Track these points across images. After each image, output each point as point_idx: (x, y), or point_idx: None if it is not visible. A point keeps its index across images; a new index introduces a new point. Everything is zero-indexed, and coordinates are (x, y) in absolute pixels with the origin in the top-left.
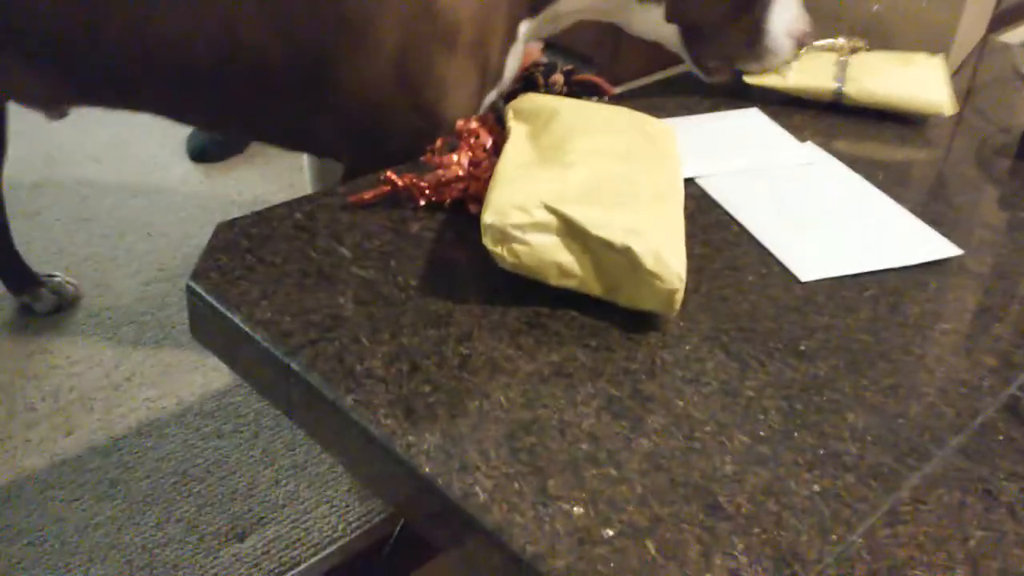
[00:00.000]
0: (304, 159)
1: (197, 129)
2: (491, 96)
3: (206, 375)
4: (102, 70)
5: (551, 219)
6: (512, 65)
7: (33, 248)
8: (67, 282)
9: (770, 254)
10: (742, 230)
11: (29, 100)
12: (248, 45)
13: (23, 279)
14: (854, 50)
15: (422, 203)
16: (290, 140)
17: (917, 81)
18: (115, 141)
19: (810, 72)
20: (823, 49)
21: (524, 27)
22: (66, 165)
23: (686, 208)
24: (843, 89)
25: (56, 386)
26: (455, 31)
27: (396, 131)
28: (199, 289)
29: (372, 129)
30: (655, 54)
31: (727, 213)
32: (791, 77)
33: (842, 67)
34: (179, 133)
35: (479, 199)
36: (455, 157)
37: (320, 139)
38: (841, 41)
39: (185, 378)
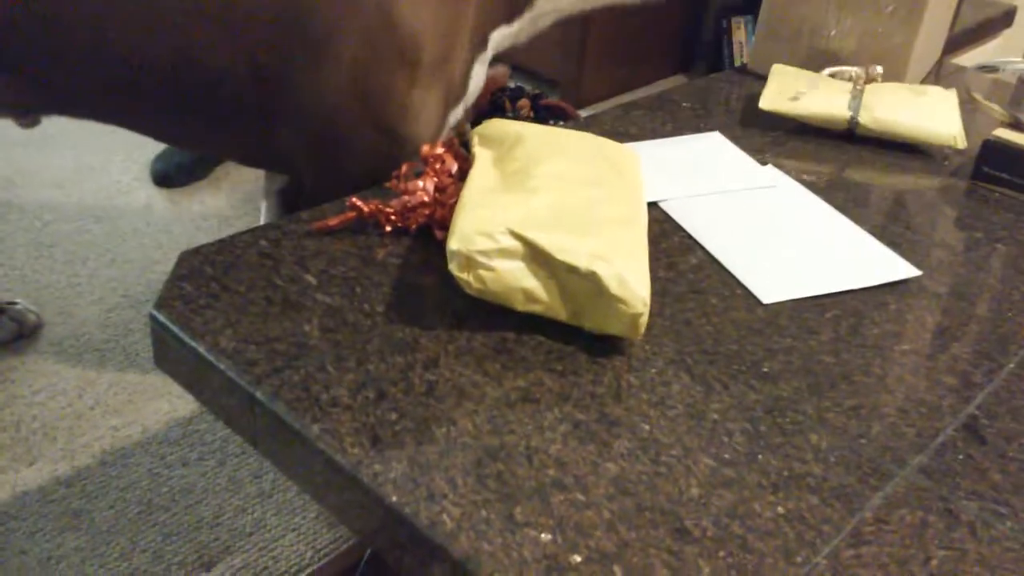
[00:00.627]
0: (263, 186)
1: (167, 145)
2: (457, 111)
3: (171, 402)
4: (64, 78)
5: (516, 245)
6: (479, 75)
7: None
8: (28, 310)
9: (733, 277)
10: (705, 253)
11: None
12: (206, 60)
13: None
14: (870, 80)
15: (388, 229)
16: (254, 157)
17: (930, 113)
18: (77, 166)
19: (825, 101)
20: (842, 78)
21: (498, 34)
22: (27, 190)
23: (649, 232)
24: (858, 119)
25: (18, 415)
26: (417, 48)
27: (357, 150)
28: (163, 318)
29: (333, 148)
30: (618, 77)
31: (690, 236)
32: (806, 105)
33: (857, 97)
34: (142, 157)
35: (445, 225)
36: (420, 183)
37: (283, 157)
38: (857, 71)
39: (150, 406)
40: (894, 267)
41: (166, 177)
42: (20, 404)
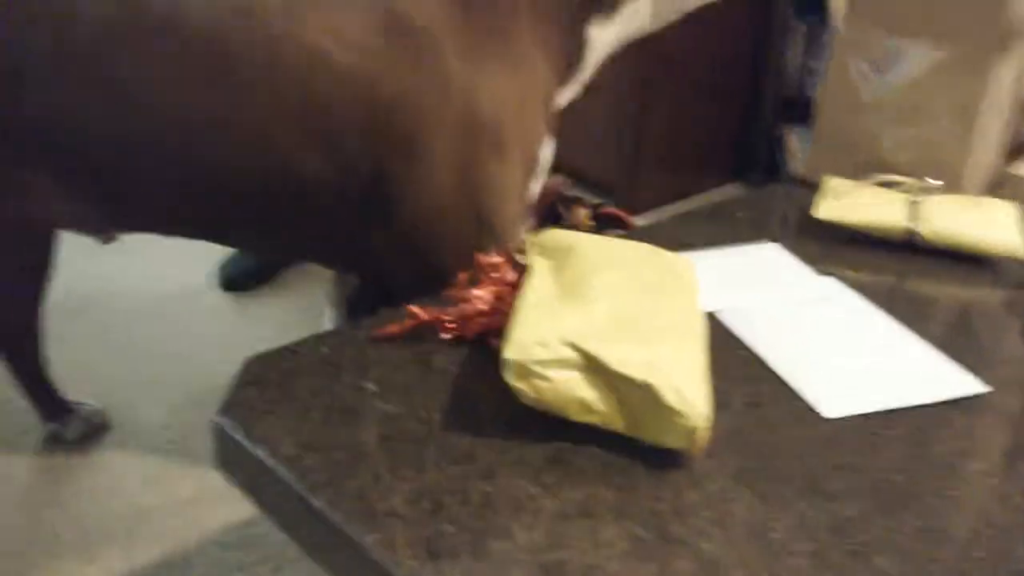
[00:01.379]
0: (329, 292)
1: (240, 252)
2: (535, 186)
3: (230, 505)
4: (142, 197)
5: (573, 355)
6: (548, 151)
7: (61, 374)
8: (97, 410)
9: (792, 390)
10: (764, 365)
11: (78, 226)
12: (294, 170)
13: (54, 406)
14: (926, 191)
15: (446, 337)
16: (338, 259)
17: (990, 223)
18: (146, 268)
19: (881, 210)
20: (899, 189)
21: (560, 96)
22: (96, 291)
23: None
24: (919, 230)
25: (80, 513)
26: (500, 133)
27: (454, 242)
28: (225, 424)
29: (430, 243)
30: (671, 185)
31: (748, 348)
32: (863, 214)
33: (914, 207)
34: (210, 260)
35: (501, 334)
36: (477, 292)
37: (374, 257)
38: (912, 180)
39: (209, 508)
40: (961, 382)
41: (233, 281)
42: (83, 502)
